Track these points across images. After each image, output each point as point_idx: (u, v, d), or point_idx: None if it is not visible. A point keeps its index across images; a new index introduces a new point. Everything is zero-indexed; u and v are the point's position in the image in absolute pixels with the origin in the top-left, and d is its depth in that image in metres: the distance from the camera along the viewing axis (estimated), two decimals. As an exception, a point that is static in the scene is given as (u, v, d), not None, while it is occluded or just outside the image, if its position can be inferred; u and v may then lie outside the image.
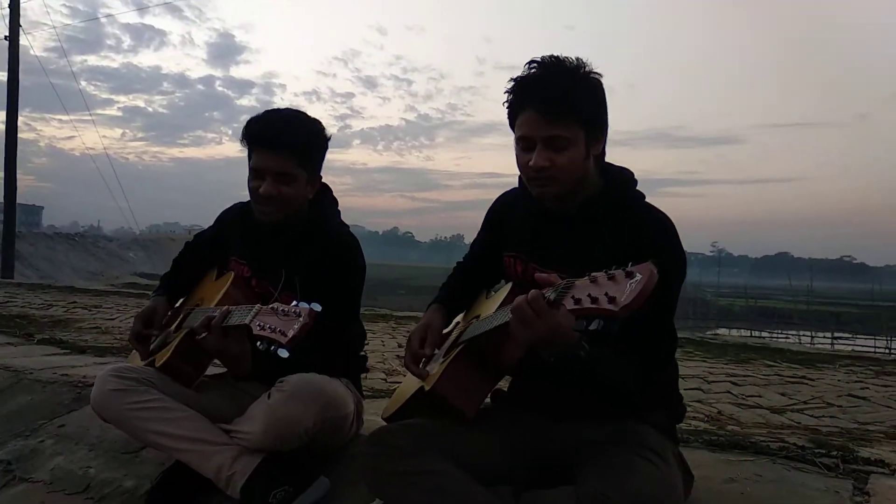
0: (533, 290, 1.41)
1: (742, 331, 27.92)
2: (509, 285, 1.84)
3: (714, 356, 4.86)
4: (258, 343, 1.71)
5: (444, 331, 2.01)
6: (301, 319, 1.65)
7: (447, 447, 1.68)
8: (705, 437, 2.42)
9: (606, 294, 1.22)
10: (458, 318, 2.07)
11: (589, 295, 1.25)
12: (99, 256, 31.66)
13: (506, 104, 1.73)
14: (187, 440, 1.99)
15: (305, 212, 2.20)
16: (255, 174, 2.08)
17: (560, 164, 1.64)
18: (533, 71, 1.68)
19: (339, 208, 2.32)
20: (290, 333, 1.63)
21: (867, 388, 3.71)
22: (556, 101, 1.61)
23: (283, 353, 1.65)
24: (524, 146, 1.68)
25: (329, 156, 2.23)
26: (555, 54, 1.68)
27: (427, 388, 1.77)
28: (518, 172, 1.85)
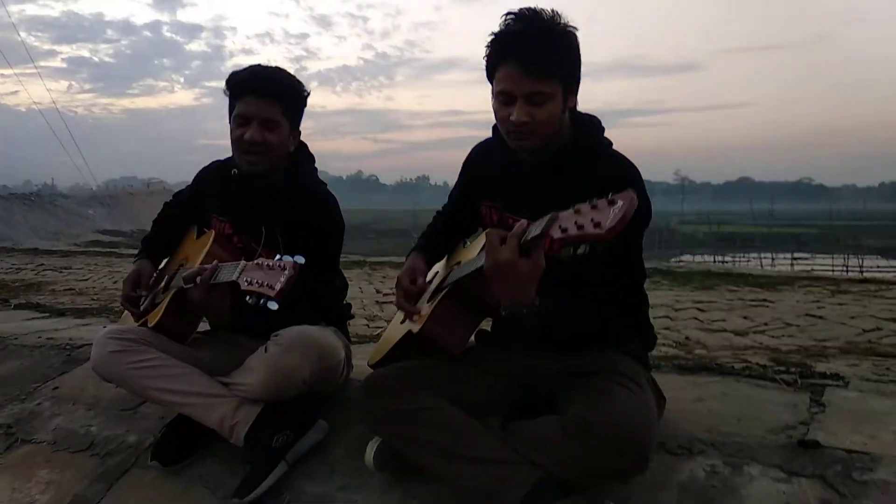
0: (502, 231, 1.52)
1: (706, 257, 28.66)
2: (483, 236, 1.92)
3: (680, 285, 5.06)
4: (248, 298, 1.79)
5: (427, 278, 2.11)
6: (286, 272, 1.73)
7: (438, 385, 1.81)
8: (675, 361, 2.59)
9: (592, 220, 1.31)
10: (439, 265, 2.16)
11: (575, 223, 1.34)
12: (57, 215, 30.95)
13: (485, 57, 1.78)
14: (189, 394, 2.08)
15: (284, 168, 2.25)
16: (240, 121, 2.12)
17: (539, 118, 1.71)
18: (511, 25, 1.73)
19: (315, 165, 2.38)
20: (278, 286, 1.71)
21: (823, 307, 3.94)
22: (539, 58, 1.67)
23: (273, 306, 1.73)
24: (504, 100, 1.74)
25: None
26: (531, 6, 1.73)
27: (415, 331, 1.87)
28: (491, 121, 1.93)
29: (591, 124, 1.85)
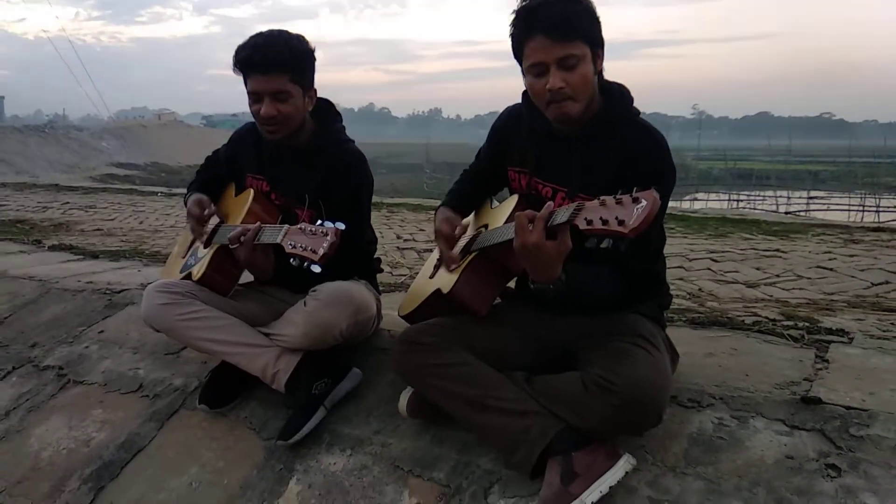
0: (530, 211, 1.61)
1: (721, 195, 28.48)
2: (515, 198, 2.03)
3: (695, 232, 5.15)
4: (291, 259, 1.92)
5: (455, 233, 2.23)
6: (329, 238, 1.85)
7: (467, 341, 1.95)
8: (688, 315, 2.72)
9: (616, 217, 1.41)
10: (467, 220, 2.28)
11: (600, 217, 1.44)
12: (72, 148, 31.03)
13: (511, 36, 1.85)
14: (234, 344, 2.24)
15: (312, 127, 2.34)
16: (254, 98, 2.20)
17: (574, 82, 1.78)
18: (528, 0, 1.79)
19: (342, 123, 2.46)
20: (321, 251, 1.83)
21: (835, 258, 4.03)
22: (563, 23, 1.74)
23: (317, 269, 1.86)
24: (537, 72, 1.81)
25: (297, 29, 2.33)
26: None
27: (445, 291, 2.00)
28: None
29: (621, 94, 1.92)
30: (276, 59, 2.14)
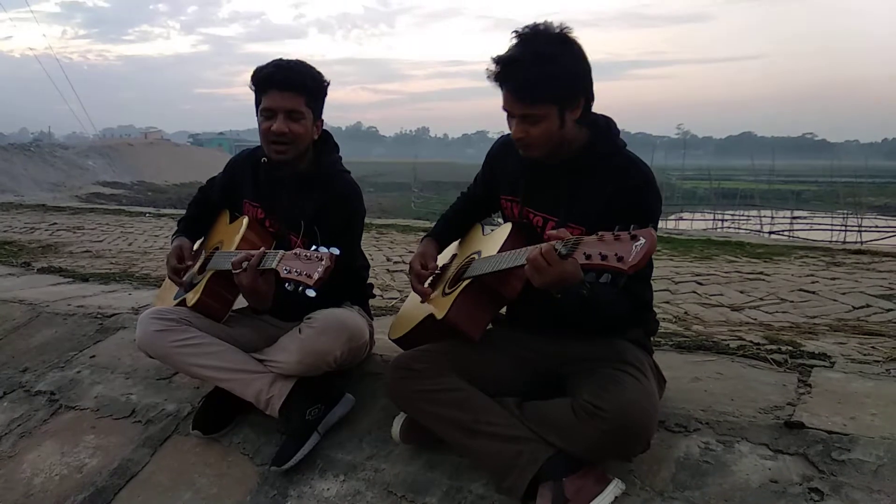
0: (546, 245, 1.64)
1: (705, 213, 28.77)
2: (508, 227, 2.07)
3: (680, 254, 5.23)
4: (286, 284, 1.96)
5: (443, 262, 2.28)
6: (324, 263, 1.88)
7: (460, 367, 1.99)
8: (674, 339, 2.78)
9: (616, 254, 1.46)
10: (454, 246, 2.33)
11: (600, 253, 1.49)
12: (58, 167, 30.90)
13: (488, 78, 1.90)
14: (228, 370, 2.27)
15: (311, 156, 2.39)
16: (267, 114, 2.26)
17: (534, 135, 1.87)
18: (510, 49, 1.84)
19: (339, 154, 2.51)
20: (316, 276, 1.87)
21: (817, 281, 4.11)
22: (528, 87, 1.81)
23: (311, 294, 1.89)
24: (508, 116, 1.91)
25: (285, 48, 2.41)
26: (538, 23, 1.84)
27: (439, 317, 2.04)
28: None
29: (608, 126, 1.98)
30: (296, 80, 2.23)
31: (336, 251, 1.93)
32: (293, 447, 2.18)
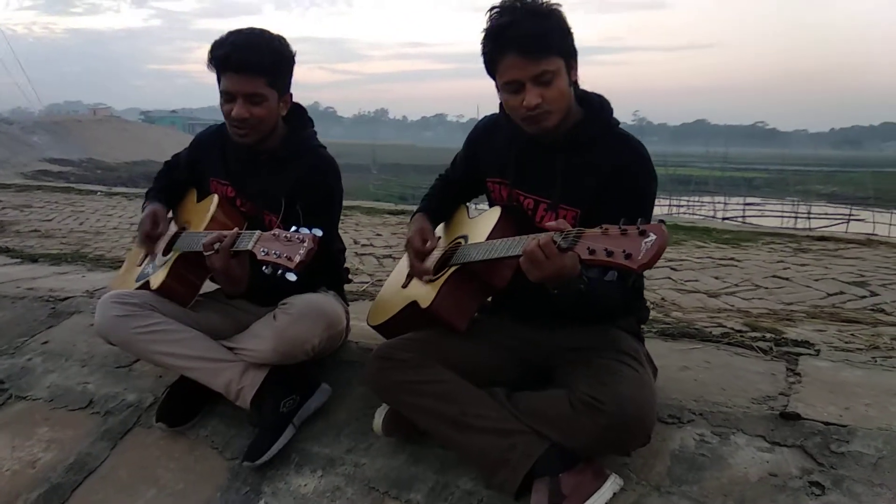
0: (544, 236, 1.53)
1: (661, 199, 29.15)
2: (497, 211, 1.96)
3: (650, 239, 5.21)
4: (264, 267, 1.82)
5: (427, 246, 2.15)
6: (306, 245, 1.75)
7: (445, 357, 1.89)
8: (657, 325, 2.72)
9: (624, 251, 1.35)
10: (439, 229, 2.21)
11: (605, 248, 1.37)
12: (1, 142, 29.71)
13: (483, 54, 1.80)
14: (195, 359, 2.12)
15: (283, 132, 2.24)
16: (226, 97, 2.09)
17: (550, 97, 1.75)
18: (497, 17, 1.75)
19: (314, 129, 2.37)
20: (297, 258, 1.73)
21: (788, 267, 4.12)
22: (536, 40, 1.71)
23: (292, 277, 1.76)
24: (513, 89, 1.77)
25: (240, 24, 2.22)
26: None
27: (424, 305, 1.93)
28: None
29: (601, 105, 1.89)
30: (254, 61, 2.04)
31: (319, 232, 1.80)
32: (267, 441, 2.05)
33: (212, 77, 2.12)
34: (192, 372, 2.14)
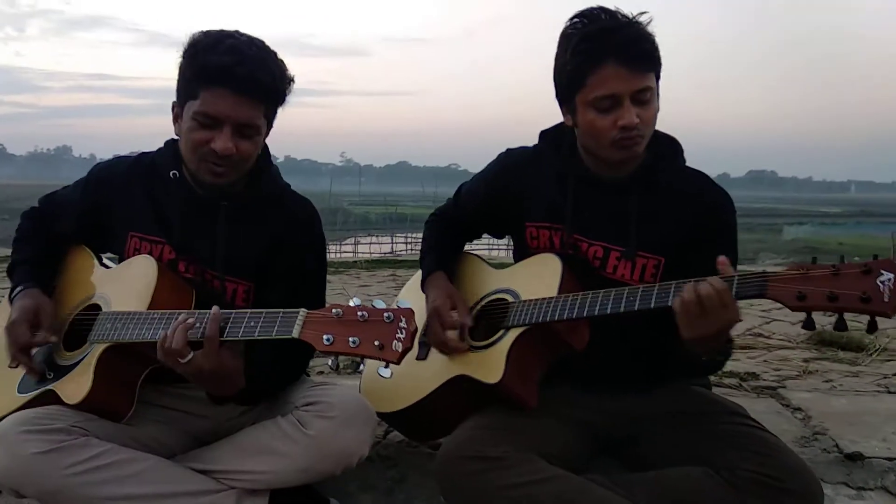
0: (716, 280, 1.32)
1: (382, 237, 30.07)
2: (553, 260, 1.65)
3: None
4: (329, 362, 1.32)
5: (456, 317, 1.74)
6: (404, 326, 1.28)
7: (535, 445, 1.53)
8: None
9: (862, 294, 1.18)
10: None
11: (827, 294, 1.20)
12: None
13: (568, 64, 1.54)
14: (165, 498, 1.46)
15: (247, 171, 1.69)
16: (206, 121, 1.52)
17: (646, 119, 1.55)
18: (592, 21, 1.54)
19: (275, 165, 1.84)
20: (400, 347, 1.27)
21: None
22: (645, 50, 1.52)
23: (386, 374, 1.29)
24: (607, 105, 1.52)
25: None
26: (597, 6, 1.55)
27: (491, 380, 1.55)
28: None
29: (671, 141, 1.71)
30: (264, 82, 1.52)
31: (407, 303, 1.33)
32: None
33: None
34: (161, 517, 1.46)
